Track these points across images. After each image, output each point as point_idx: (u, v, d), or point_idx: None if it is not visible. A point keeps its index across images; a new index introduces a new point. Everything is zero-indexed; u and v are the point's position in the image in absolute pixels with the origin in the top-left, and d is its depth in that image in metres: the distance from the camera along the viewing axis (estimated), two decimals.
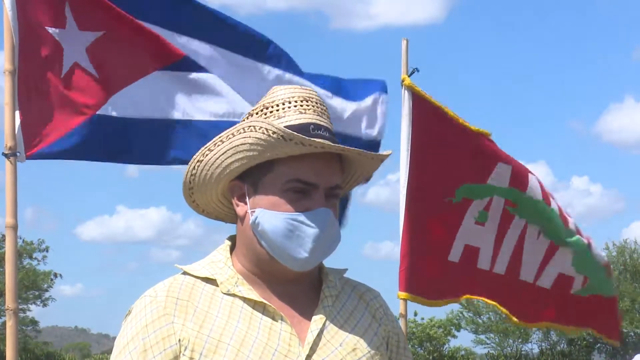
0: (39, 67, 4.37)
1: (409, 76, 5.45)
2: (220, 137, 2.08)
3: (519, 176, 5.59)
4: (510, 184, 5.56)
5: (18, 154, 4.31)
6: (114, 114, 4.54)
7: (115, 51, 4.53)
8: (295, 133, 1.99)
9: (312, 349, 2.03)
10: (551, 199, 5.72)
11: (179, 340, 2.00)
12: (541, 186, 5.69)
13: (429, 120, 5.41)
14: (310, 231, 2.02)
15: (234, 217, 2.17)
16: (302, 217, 2.02)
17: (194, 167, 2.12)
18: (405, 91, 5.40)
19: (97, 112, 4.50)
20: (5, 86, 4.35)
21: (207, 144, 2.10)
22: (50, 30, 4.38)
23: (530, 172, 5.70)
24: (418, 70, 5.51)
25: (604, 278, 5.97)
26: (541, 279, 5.75)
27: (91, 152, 4.59)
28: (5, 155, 4.30)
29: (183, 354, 1.99)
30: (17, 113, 4.32)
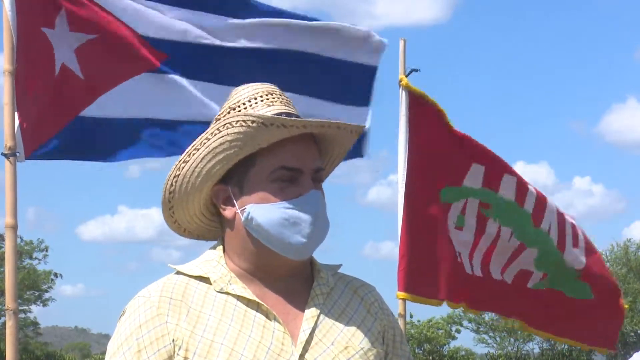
0: (34, 67, 4.39)
1: (406, 76, 5.46)
2: (193, 146, 2.06)
3: (492, 177, 5.61)
4: (483, 185, 5.58)
5: (18, 154, 4.32)
6: (100, 114, 4.62)
7: (105, 54, 4.58)
8: (275, 117, 1.99)
9: (305, 348, 2.03)
10: (526, 200, 5.73)
11: (173, 340, 2.00)
12: (519, 187, 5.70)
13: (425, 120, 5.43)
14: (305, 216, 2.03)
15: (216, 233, 2.17)
16: (294, 204, 2.02)
17: (171, 183, 2.09)
18: (403, 91, 5.41)
19: (83, 114, 4.57)
20: (5, 86, 4.36)
21: (181, 157, 2.08)
22: (45, 30, 4.42)
23: (507, 171, 5.69)
24: (418, 70, 5.51)
25: (572, 279, 5.94)
26: (505, 275, 5.78)
27: (78, 152, 4.68)
28: (5, 155, 4.31)
29: (177, 354, 1.99)
30: (17, 113, 4.33)
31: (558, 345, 39.07)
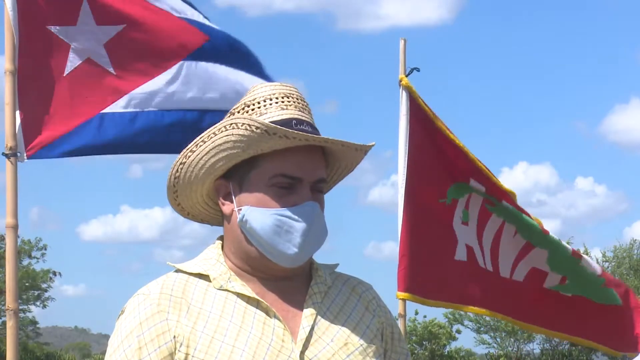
0: (40, 66, 4.37)
1: (406, 76, 5.45)
2: (201, 138, 2.08)
3: (495, 191, 5.63)
4: (488, 192, 5.59)
5: (19, 154, 4.32)
6: (132, 109, 4.50)
7: (136, 45, 4.48)
8: (279, 127, 2.00)
9: (305, 346, 2.04)
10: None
11: (174, 336, 2.01)
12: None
13: (425, 120, 5.43)
14: (298, 226, 2.04)
15: (219, 220, 2.19)
16: (289, 212, 2.04)
17: (177, 169, 2.12)
18: (403, 91, 5.40)
19: (111, 109, 4.47)
20: (5, 86, 4.35)
21: (189, 146, 2.10)
22: (54, 28, 4.38)
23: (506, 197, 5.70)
24: (418, 69, 5.50)
25: (598, 287, 5.89)
26: (515, 274, 5.75)
27: (99, 147, 4.53)
28: (6, 155, 4.31)
29: (178, 350, 2.00)
30: (18, 113, 4.33)
31: (559, 345, 39.08)
